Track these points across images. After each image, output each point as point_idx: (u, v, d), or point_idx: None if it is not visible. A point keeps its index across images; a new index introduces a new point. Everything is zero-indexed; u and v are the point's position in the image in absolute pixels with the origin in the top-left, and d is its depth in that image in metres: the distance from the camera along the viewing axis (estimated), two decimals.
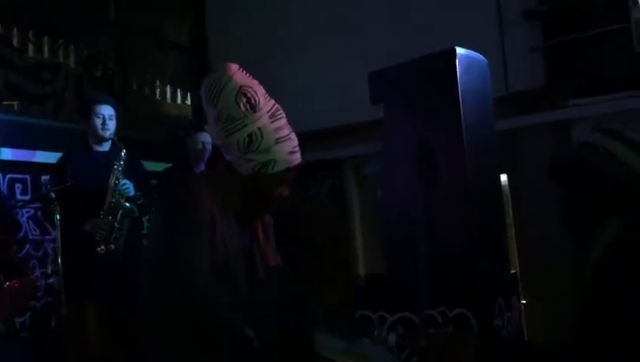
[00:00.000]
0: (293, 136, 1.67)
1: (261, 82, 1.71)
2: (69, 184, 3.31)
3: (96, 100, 3.63)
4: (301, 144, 1.71)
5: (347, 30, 4.84)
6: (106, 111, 3.57)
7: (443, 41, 2.94)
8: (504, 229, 3.16)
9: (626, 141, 1.46)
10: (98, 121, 3.53)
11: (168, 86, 5.93)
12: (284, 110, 1.71)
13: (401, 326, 2.75)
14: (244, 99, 1.60)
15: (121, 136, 3.60)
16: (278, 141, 1.62)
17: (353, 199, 5.13)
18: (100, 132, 3.54)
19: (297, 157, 1.67)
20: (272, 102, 1.69)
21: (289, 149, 1.64)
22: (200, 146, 3.65)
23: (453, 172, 2.77)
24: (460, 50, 2.80)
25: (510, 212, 4.44)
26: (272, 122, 1.63)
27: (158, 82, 5.88)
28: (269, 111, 1.65)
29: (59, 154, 3.69)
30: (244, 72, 1.67)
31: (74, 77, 5.10)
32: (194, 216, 1.54)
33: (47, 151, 4.13)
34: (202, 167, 3.55)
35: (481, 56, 2.97)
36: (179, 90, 5.96)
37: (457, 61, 2.77)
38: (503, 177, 4.36)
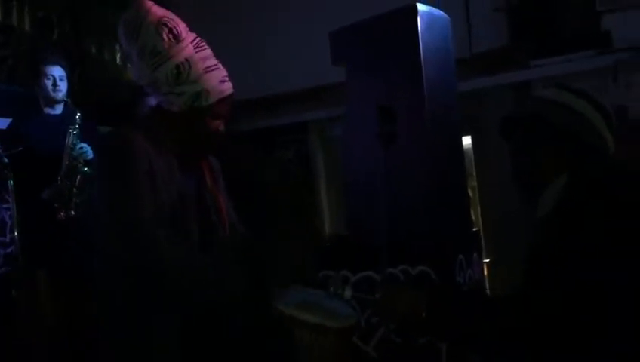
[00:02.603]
0: (221, 66, 1.64)
1: (224, 46, 1.69)
2: (20, 148, 3.20)
3: (45, 61, 3.48)
4: (266, 108, 1.70)
5: None
6: (56, 72, 3.43)
7: (406, 2, 2.88)
8: (465, 188, 3.18)
9: (578, 92, 1.46)
10: (48, 83, 3.40)
11: None
12: (250, 74, 1.69)
13: (364, 285, 2.76)
14: (166, 29, 1.57)
15: (79, 101, 3.50)
16: (207, 70, 1.59)
17: (319, 162, 5.11)
18: (52, 93, 3.41)
19: (229, 87, 1.64)
20: (194, 34, 1.65)
21: (219, 78, 1.62)
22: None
23: (414, 132, 2.76)
24: (421, 7, 2.75)
25: (474, 173, 4.49)
26: (197, 52, 1.60)
27: (118, 46, 5.71)
28: (192, 41, 1.62)
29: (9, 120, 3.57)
30: (160, 7, 1.64)
31: (28, 40, 4.93)
32: (131, 166, 1.50)
33: (1, 118, 3.98)
34: None
35: (444, 13, 2.93)
36: None
37: (419, 18, 2.72)
38: (467, 139, 4.39)
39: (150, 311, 1.52)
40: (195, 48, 1.60)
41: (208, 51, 1.63)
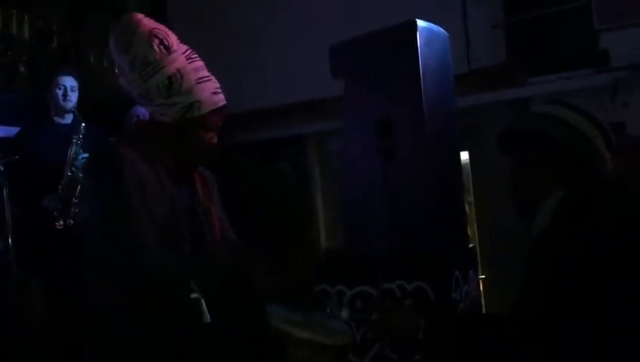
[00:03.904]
0: (213, 78, 1.65)
1: (221, 59, 1.70)
2: (17, 158, 3.23)
3: (58, 71, 3.58)
4: (263, 121, 1.70)
5: (307, 3, 4.78)
6: (68, 82, 3.52)
7: (405, 17, 2.89)
8: (463, 204, 3.17)
9: (576, 109, 1.47)
10: (59, 92, 3.49)
11: None
12: (247, 87, 1.70)
13: (360, 300, 2.75)
14: (157, 41, 1.58)
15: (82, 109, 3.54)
16: (199, 81, 1.60)
17: (316, 175, 5.10)
18: (62, 102, 3.49)
19: (221, 98, 1.65)
20: (186, 46, 1.66)
21: (211, 90, 1.62)
22: (135, 120, 3.64)
23: (413, 147, 2.76)
24: (420, 23, 2.76)
25: (471, 189, 4.48)
26: (189, 63, 1.61)
27: None
28: (184, 52, 1.63)
29: (11, 128, 3.60)
30: (151, 19, 1.66)
31: (28, 49, 4.94)
32: (121, 180, 1.50)
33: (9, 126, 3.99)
34: None
35: (442, 30, 2.95)
36: None
37: (418, 33, 2.73)
38: (465, 154, 4.39)
39: (139, 323, 1.51)
40: (187, 59, 1.61)
41: (200, 63, 1.64)
